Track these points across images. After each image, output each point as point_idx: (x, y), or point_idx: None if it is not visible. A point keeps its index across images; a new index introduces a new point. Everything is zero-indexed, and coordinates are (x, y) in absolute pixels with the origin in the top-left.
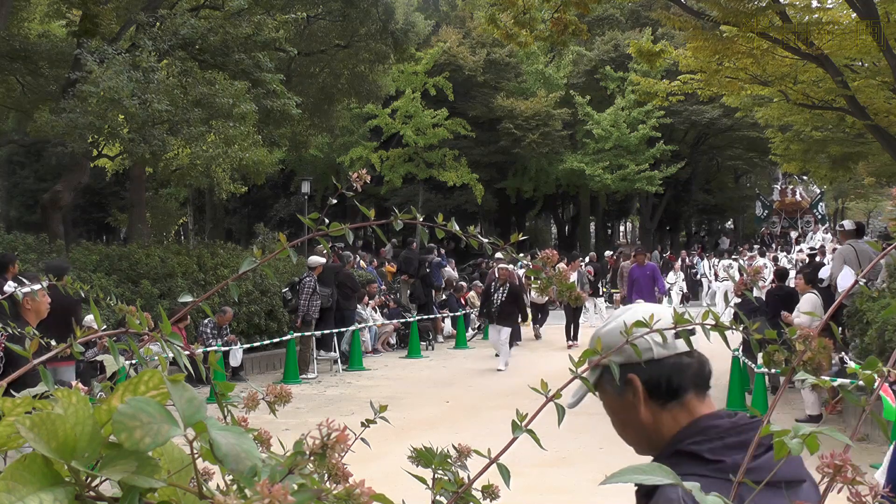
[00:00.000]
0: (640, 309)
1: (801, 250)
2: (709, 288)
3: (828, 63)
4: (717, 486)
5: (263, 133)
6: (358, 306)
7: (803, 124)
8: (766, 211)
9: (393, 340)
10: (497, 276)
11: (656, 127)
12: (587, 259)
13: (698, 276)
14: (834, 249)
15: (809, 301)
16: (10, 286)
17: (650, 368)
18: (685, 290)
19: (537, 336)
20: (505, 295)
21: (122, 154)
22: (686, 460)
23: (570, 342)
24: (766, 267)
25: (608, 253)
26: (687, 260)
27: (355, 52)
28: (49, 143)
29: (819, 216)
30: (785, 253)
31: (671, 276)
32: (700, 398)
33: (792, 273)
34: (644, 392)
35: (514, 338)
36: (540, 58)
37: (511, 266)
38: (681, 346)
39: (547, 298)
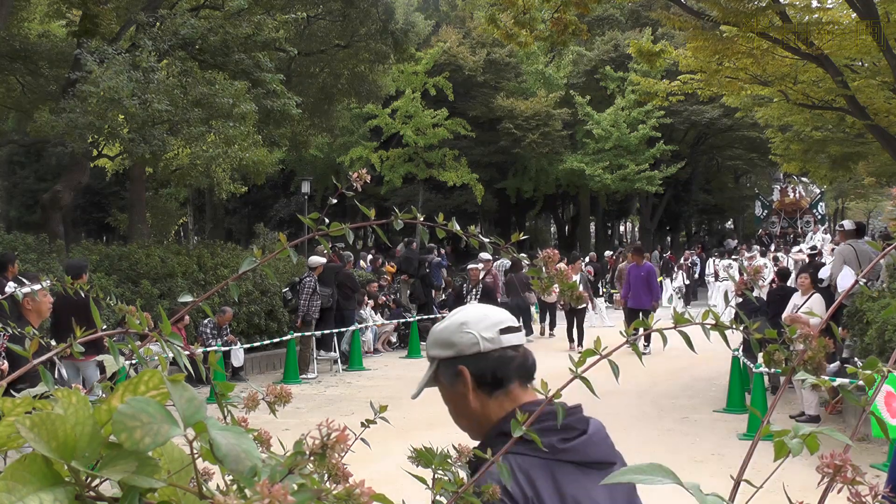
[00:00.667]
0: (471, 309)
1: (800, 250)
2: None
3: (828, 63)
4: (533, 464)
5: (263, 133)
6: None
7: (803, 124)
8: (766, 211)
9: (394, 339)
10: (469, 277)
11: (656, 127)
12: (587, 259)
13: (697, 276)
14: (832, 250)
15: (818, 301)
16: (10, 286)
17: (477, 361)
18: (683, 290)
19: (543, 333)
20: (478, 297)
21: (122, 154)
22: (507, 441)
23: (573, 345)
24: (766, 266)
25: (608, 253)
26: (689, 260)
27: (355, 52)
28: (49, 143)
29: (819, 216)
30: (783, 252)
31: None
32: (523, 388)
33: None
34: (472, 382)
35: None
36: (540, 58)
37: (485, 263)
38: (506, 341)
39: (555, 298)
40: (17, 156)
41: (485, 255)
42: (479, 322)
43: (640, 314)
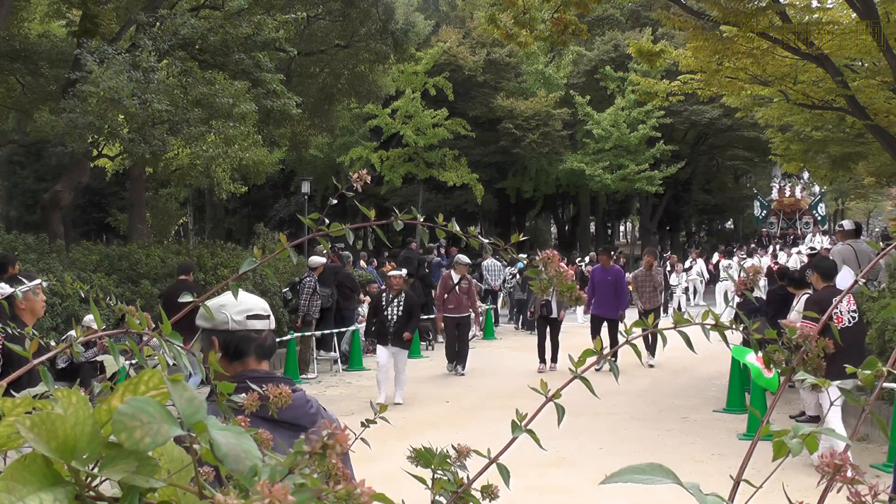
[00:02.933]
0: (230, 296)
1: (799, 251)
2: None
3: (828, 63)
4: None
5: (263, 133)
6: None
7: (803, 124)
8: (765, 211)
9: None
10: (391, 285)
11: (656, 127)
12: (587, 259)
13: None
14: (827, 251)
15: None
16: (8, 287)
17: (226, 335)
18: (687, 290)
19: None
20: (401, 310)
21: (122, 154)
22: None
23: (543, 365)
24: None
25: (592, 254)
26: (691, 262)
27: (355, 52)
28: (49, 143)
29: (819, 217)
30: (785, 252)
31: (674, 278)
32: (258, 362)
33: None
34: (220, 349)
35: (461, 357)
36: (540, 58)
37: (460, 267)
38: (251, 325)
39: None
40: (17, 156)
41: (463, 258)
42: (234, 307)
43: (606, 324)
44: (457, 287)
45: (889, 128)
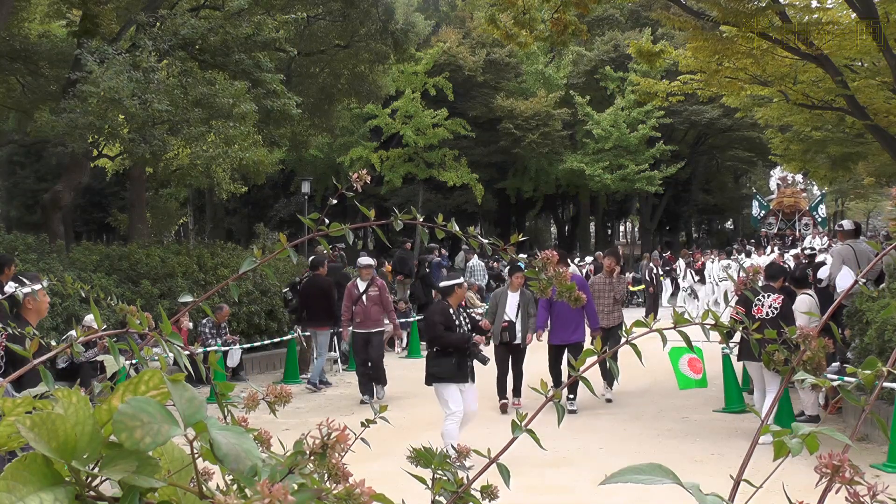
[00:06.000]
0: None
1: (796, 255)
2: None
3: (828, 63)
4: None
5: (263, 133)
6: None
7: (803, 124)
8: (763, 211)
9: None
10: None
11: (656, 127)
12: (587, 259)
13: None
14: (824, 251)
15: (803, 301)
16: (10, 286)
17: None
18: (691, 290)
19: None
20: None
21: (122, 154)
22: None
23: (504, 401)
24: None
25: (598, 253)
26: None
27: (355, 52)
28: (49, 143)
29: (819, 219)
30: (785, 252)
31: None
32: None
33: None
34: None
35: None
36: (540, 58)
37: (364, 269)
38: None
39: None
40: (17, 156)
41: (364, 260)
42: None
43: (567, 351)
44: (363, 296)
45: (889, 128)
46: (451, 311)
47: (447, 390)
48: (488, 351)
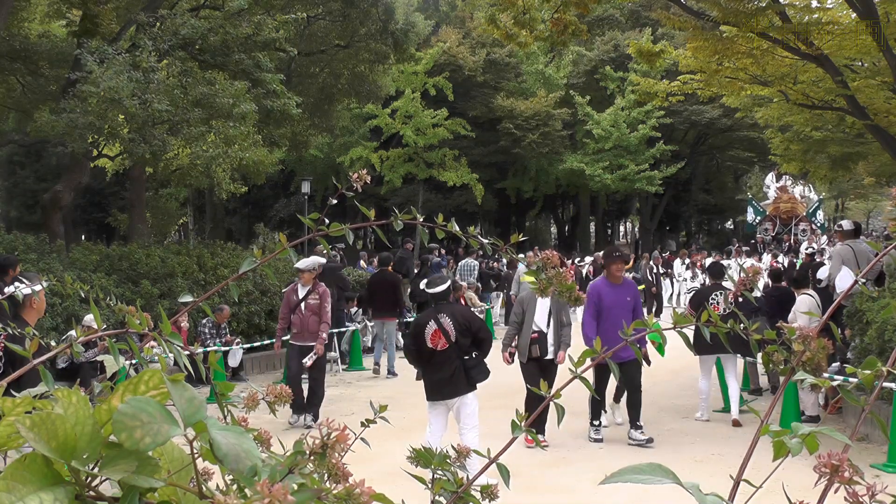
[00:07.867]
0: None
1: (792, 260)
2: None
3: (828, 63)
4: None
5: (263, 133)
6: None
7: (803, 124)
8: (759, 217)
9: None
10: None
11: (656, 127)
12: (587, 259)
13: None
14: (822, 252)
15: (804, 302)
16: (11, 286)
17: None
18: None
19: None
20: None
21: (122, 154)
22: None
23: (544, 440)
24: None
25: (598, 254)
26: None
27: (355, 52)
28: (49, 143)
29: (817, 224)
30: (783, 255)
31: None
32: None
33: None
34: None
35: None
36: (540, 58)
37: (307, 273)
38: None
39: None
40: (17, 156)
41: (304, 263)
42: None
43: (621, 371)
44: (302, 304)
45: (889, 128)
46: (439, 318)
47: (430, 412)
48: (512, 369)
